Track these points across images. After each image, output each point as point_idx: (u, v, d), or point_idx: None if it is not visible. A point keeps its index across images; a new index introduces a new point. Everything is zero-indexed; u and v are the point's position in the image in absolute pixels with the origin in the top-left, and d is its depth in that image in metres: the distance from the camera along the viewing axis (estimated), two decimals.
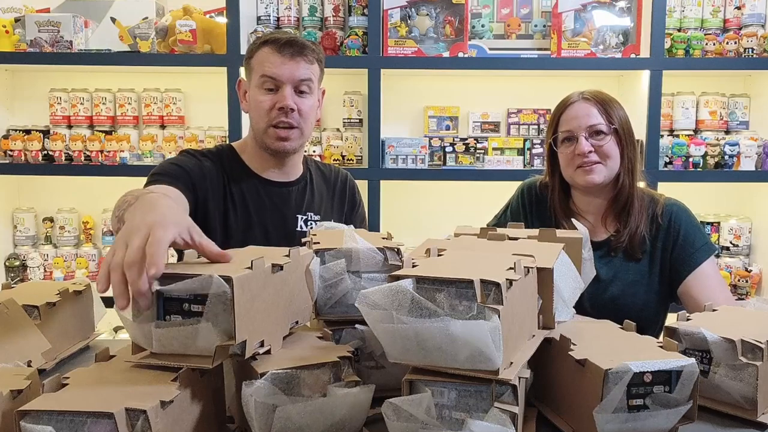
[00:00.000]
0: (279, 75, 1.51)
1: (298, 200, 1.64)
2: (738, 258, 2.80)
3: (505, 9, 2.89)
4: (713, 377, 1.01)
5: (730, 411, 1.00)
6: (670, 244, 1.57)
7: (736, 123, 2.85)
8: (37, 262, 2.86)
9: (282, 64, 1.51)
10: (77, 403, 0.75)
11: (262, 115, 1.54)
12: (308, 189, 1.67)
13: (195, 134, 2.80)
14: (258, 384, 0.83)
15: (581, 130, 1.55)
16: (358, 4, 2.74)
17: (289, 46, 1.51)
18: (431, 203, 2.93)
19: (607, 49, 2.67)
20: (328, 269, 1.04)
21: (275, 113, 1.52)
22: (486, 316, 0.78)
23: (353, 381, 0.89)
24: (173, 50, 2.68)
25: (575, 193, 1.66)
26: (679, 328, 1.05)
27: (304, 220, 1.63)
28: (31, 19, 2.68)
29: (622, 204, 1.59)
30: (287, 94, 1.51)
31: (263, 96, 1.53)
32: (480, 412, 0.81)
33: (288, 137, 1.54)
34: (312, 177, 1.70)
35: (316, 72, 1.57)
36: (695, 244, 1.56)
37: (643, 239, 1.57)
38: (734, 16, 2.83)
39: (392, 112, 2.88)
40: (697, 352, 1.03)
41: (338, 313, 1.06)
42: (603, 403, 0.86)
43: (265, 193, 1.61)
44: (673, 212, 1.60)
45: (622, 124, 1.58)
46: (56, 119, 2.86)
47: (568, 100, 1.62)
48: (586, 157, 1.54)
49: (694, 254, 1.55)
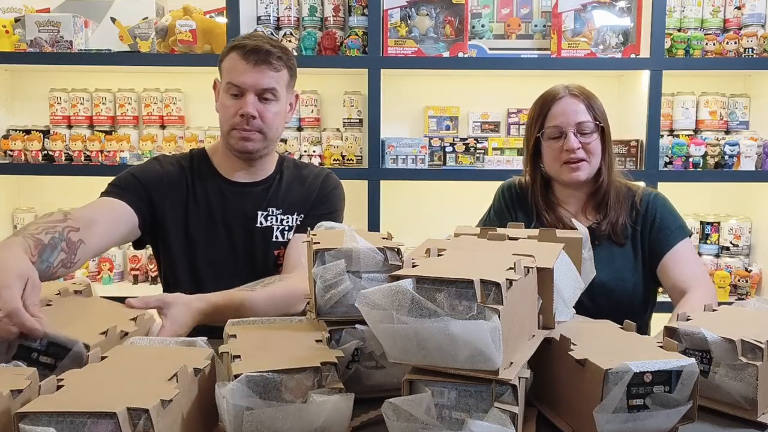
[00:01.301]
0: (242, 83, 1.55)
1: (261, 197, 1.67)
2: (738, 258, 2.79)
3: (505, 9, 2.88)
4: (713, 377, 1.01)
5: (730, 411, 1.00)
6: (648, 227, 1.63)
7: (736, 123, 2.85)
8: None
9: (246, 72, 1.54)
10: (77, 404, 0.75)
11: (227, 119, 1.59)
12: (273, 186, 1.69)
13: (195, 134, 2.80)
14: (231, 386, 0.83)
15: (570, 126, 1.59)
16: (358, 4, 2.74)
17: (254, 54, 1.54)
18: (431, 203, 2.93)
19: (607, 49, 2.67)
20: (327, 269, 1.04)
21: (238, 119, 1.57)
22: (486, 316, 0.78)
23: (336, 388, 0.88)
24: (173, 50, 2.68)
25: (556, 185, 1.71)
26: (679, 328, 1.05)
27: (264, 215, 1.65)
28: (31, 19, 2.67)
29: (602, 196, 1.65)
30: (249, 101, 1.55)
31: (228, 101, 1.58)
32: (480, 412, 0.81)
33: (249, 138, 1.58)
34: (282, 175, 1.71)
35: (283, 79, 1.60)
36: (671, 227, 1.63)
37: (625, 225, 1.63)
38: (734, 16, 2.83)
39: (392, 112, 2.87)
40: (697, 352, 1.03)
41: (338, 314, 1.06)
42: (603, 403, 0.86)
43: (228, 193, 1.65)
44: (650, 199, 1.67)
45: (604, 120, 1.64)
46: (56, 119, 2.86)
47: (556, 94, 1.63)
48: (574, 153, 1.58)
49: (670, 236, 1.61)
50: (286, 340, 1.02)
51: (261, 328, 1.11)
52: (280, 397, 0.86)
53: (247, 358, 0.90)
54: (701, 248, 2.82)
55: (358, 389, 1.02)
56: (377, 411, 0.88)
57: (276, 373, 0.86)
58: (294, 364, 0.88)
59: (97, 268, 2.88)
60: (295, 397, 0.87)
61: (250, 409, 0.83)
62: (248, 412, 0.83)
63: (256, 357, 0.92)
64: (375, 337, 0.85)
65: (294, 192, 1.70)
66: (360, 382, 1.05)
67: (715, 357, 1.01)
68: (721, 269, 2.76)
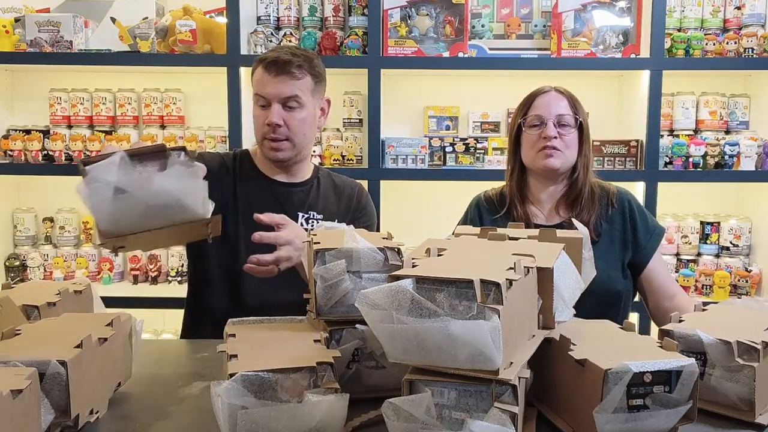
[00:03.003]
0: (266, 94, 1.64)
1: (302, 199, 1.72)
2: (738, 258, 2.79)
3: (505, 9, 2.89)
4: (709, 379, 1.01)
5: (727, 413, 1.00)
6: (628, 226, 1.70)
7: (736, 123, 2.85)
8: (37, 262, 2.87)
9: (268, 83, 1.63)
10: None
11: (258, 129, 1.68)
12: (313, 190, 1.75)
13: (195, 134, 2.80)
14: (226, 384, 0.83)
15: (551, 116, 1.67)
16: (358, 4, 2.74)
17: (274, 65, 1.63)
18: (431, 203, 2.93)
19: (607, 49, 2.67)
20: (328, 270, 1.04)
21: (266, 128, 1.65)
22: (486, 316, 0.78)
23: (332, 388, 0.88)
24: (173, 50, 2.68)
25: (531, 179, 1.76)
26: (674, 330, 1.05)
27: (305, 218, 1.70)
28: (31, 19, 2.68)
29: (575, 195, 1.70)
30: (273, 110, 1.63)
31: (258, 112, 1.67)
32: (480, 412, 0.81)
33: (279, 148, 1.66)
34: (320, 182, 1.78)
35: (306, 86, 1.66)
36: (652, 228, 1.72)
37: (597, 224, 1.68)
38: (734, 16, 2.83)
39: (392, 112, 2.87)
40: (692, 354, 1.02)
41: (339, 314, 1.06)
42: (603, 403, 0.86)
43: (270, 192, 1.70)
44: (625, 199, 1.74)
45: (584, 119, 1.71)
46: (56, 119, 2.86)
47: (541, 90, 1.74)
48: (550, 141, 1.65)
49: (652, 238, 1.70)
50: (284, 339, 1.02)
51: (261, 327, 1.11)
52: (275, 396, 0.86)
53: (243, 358, 0.91)
54: (701, 248, 2.83)
55: (358, 389, 1.02)
56: (377, 411, 0.88)
57: (271, 372, 0.86)
58: (290, 363, 0.89)
59: (97, 268, 2.88)
60: (291, 396, 0.87)
61: (245, 408, 0.83)
62: (242, 412, 0.83)
63: (253, 356, 0.92)
64: (375, 337, 0.85)
65: (331, 201, 1.75)
66: (360, 382, 1.05)
67: (710, 359, 1.01)
68: (721, 269, 2.76)
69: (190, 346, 1.46)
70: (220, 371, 0.97)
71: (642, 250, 1.69)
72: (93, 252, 2.91)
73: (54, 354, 0.90)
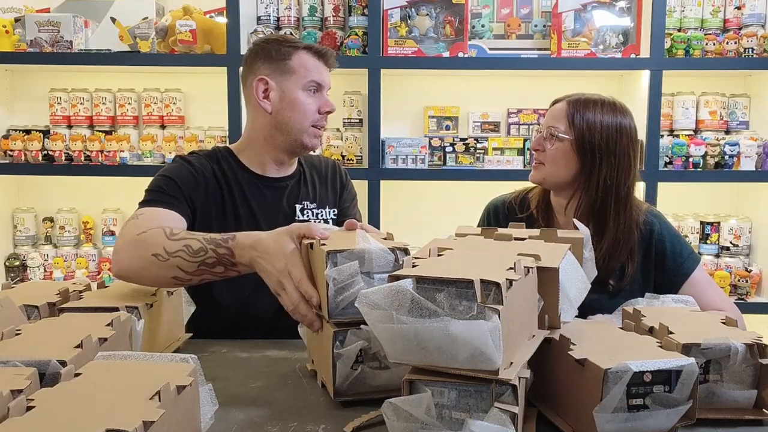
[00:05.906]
0: (323, 81, 1.64)
1: (295, 191, 1.71)
2: (738, 258, 2.80)
3: (505, 9, 2.89)
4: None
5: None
6: (654, 253, 1.60)
7: (736, 123, 2.85)
8: (37, 262, 2.86)
9: (323, 71, 1.65)
10: (47, 430, 0.68)
11: (307, 116, 1.62)
12: (302, 180, 1.74)
13: (195, 134, 2.80)
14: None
15: (544, 128, 1.64)
16: (358, 4, 2.75)
17: (330, 56, 1.66)
18: (431, 203, 2.93)
19: (607, 49, 2.67)
20: (340, 271, 1.03)
21: (317, 116, 1.64)
22: (486, 316, 0.78)
23: None
24: (173, 50, 2.68)
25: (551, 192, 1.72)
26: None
27: (300, 209, 1.69)
28: (31, 19, 2.68)
29: (595, 218, 1.57)
30: (329, 98, 1.65)
31: (309, 98, 1.63)
32: (480, 412, 0.81)
33: (321, 136, 1.68)
34: (305, 169, 1.76)
35: None
36: (683, 254, 1.61)
37: (622, 274, 1.58)
38: (734, 16, 2.83)
39: (392, 112, 2.88)
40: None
41: (350, 315, 1.04)
42: (603, 403, 0.86)
43: (263, 188, 1.67)
44: (654, 224, 1.62)
45: (590, 138, 1.54)
46: (56, 119, 2.86)
47: (556, 100, 1.69)
48: (535, 152, 1.64)
49: (684, 264, 1.60)
50: None
51: None
52: None
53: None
54: (701, 248, 2.83)
55: (363, 390, 1.02)
56: (377, 411, 0.88)
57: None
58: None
59: (97, 268, 2.88)
60: None
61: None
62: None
63: None
64: None
65: (317, 186, 1.75)
66: (365, 382, 1.04)
67: None
68: (721, 269, 2.76)
69: (190, 347, 1.46)
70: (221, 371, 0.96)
71: (672, 276, 1.59)
72: (93, 252, 2.90)
73: (54, 354, 0.89)
